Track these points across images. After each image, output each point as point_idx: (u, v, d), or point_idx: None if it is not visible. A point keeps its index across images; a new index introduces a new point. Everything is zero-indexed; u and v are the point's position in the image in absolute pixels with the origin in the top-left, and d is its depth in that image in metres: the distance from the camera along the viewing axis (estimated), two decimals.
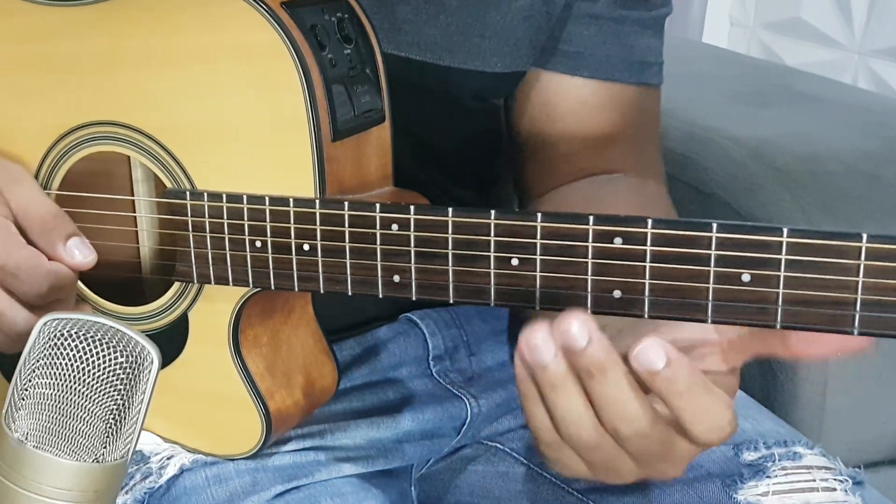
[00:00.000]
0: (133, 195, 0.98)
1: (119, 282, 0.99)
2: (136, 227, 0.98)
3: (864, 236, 0.68)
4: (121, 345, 0.75)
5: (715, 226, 0.71)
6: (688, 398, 0.73)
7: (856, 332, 0.69)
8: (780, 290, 0.70)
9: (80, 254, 0.91)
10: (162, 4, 0.90)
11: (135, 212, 0.97)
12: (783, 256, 0.70)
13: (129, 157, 0.97)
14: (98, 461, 0.75)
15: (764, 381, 1.35)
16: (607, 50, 1.16)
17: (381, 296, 0.84)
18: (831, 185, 1.39)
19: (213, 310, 0.94)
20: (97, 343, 0.75)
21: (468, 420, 1.11)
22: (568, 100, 1.17)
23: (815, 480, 0.98)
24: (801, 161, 1.42)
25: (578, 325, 0.72)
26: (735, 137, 1.48)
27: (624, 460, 0.78)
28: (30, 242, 0.91)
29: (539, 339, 0.74)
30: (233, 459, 0.98)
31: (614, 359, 0.73)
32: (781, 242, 0.70)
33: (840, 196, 1.37)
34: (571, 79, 1.17)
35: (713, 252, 0.71)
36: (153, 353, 0.76)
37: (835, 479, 0.98)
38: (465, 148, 1.21)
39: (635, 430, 0.75)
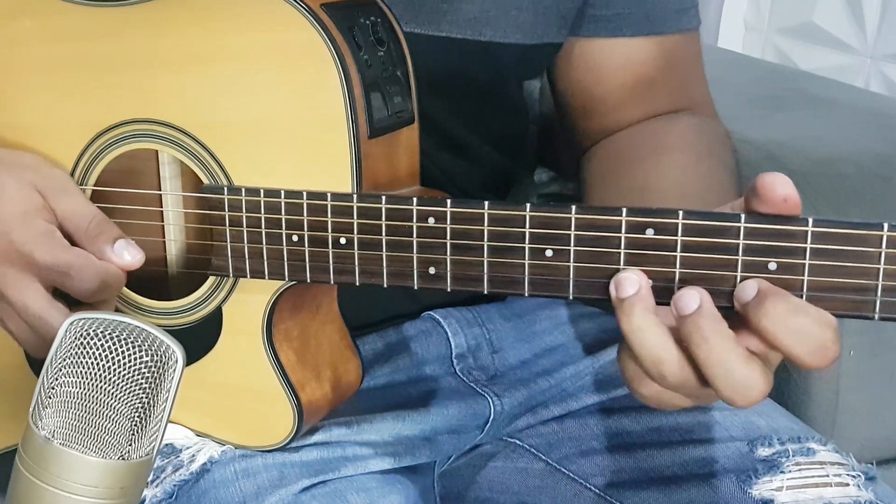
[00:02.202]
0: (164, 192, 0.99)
1: (149, 277, 1.00)
2: (167, 222, 0.99)
3: (886, 225, 0.70)
4: (146, 344, 0.76)
5: (743, 216, 0.73)
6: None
7: (877, 316, 0.71)
8: (805, 278, 0.72)
9: (129, 255, 0.94)
10: (201, 4, 0.92)
11: (168, 208, 0.99)
12: (808, 245, 0.72)
13: (157, 155, 0.98)
14: (124, 458, 0.77)
15: (778, 380, 1.33)
16: (644, 7, 1.18)
17: (416, 287, 0.85)
18: (844, 186, 1.38)
19: (248, 303, 0.95)
20: (123, 342, 0.76)
21: (491, 418, 1.12)
22: (613, 60, 1.20)
23: (828, 476, 0.99)
24: (814, 163, 1.41)
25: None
26: (750, 140, 1.48)
27: (707, 393, 0.78)
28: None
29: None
30: (263, 451, 0.99)
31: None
32: (807, 232, 0.72)
33: (853, 198, 1.37)
34: (614, 40, 1.19)
35: (741, 241, 0.73)
36: (178, 352, 0.77)
37: (848, 475, 0.99)
38: (493, 144, 1.22)
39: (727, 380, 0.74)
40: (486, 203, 0.81)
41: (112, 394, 0.76)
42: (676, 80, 1.22)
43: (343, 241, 0.87)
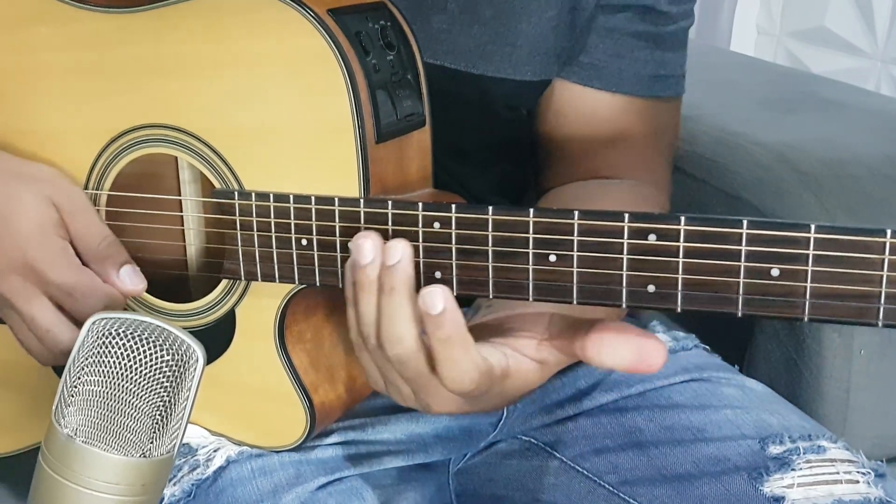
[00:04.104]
0: (180, 196, 1.00)
1: (167, 280, 1.01)
2: (185, 226, 1.00)
3: (889, 232, 0.69)
4: (167, 343, 0.78)
5: (745, 222, 0.73)
6: (447, 345, 0.79)
7: (880, 324, 0.71)
8: (808, 285, 0.72)
9: (131, 282, 0.96)
10: (211, 11, 0.92)
11: (183, 212, 1.00)
12: (811, 252, 0.71)
13: (175, 159, 0.99)
14: (145, 456, 0.78)
15: (790, 378, 1.36)
16: (620, 64, 1.17)
17: None
18: (854, 188, 1.38)
19: (260, 306, 0.96)
20: (144, 342, 0.77)
21: (504, 416, 1.12)
22: (579, 108, 1.19)
23: (838, 473, 0.99)
24: (825, 165, 1.41)
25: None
26: (762, 142, 1.48)
27: (399, 381, 0.85)
28: (84, 265, 0.96)
29: (367, 242, 0.81)
30: (277, 451, 1.00)
31: (407, 287, 0.81)
32: (809, 238, 0.71)
33: (863, 199, 1.37)
34: (583, 89, 1.18)
35: (744, 248, 0.73)
36: (198, 350, 0.78)
37: (858, 472, 1.00)
38: (498, 155, 1.22)
39: (397, 353, 0.81)
40: (491, 208, 0.81)
41: (134, 392, 0.77)
42: (637, 144, 1.20)
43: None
